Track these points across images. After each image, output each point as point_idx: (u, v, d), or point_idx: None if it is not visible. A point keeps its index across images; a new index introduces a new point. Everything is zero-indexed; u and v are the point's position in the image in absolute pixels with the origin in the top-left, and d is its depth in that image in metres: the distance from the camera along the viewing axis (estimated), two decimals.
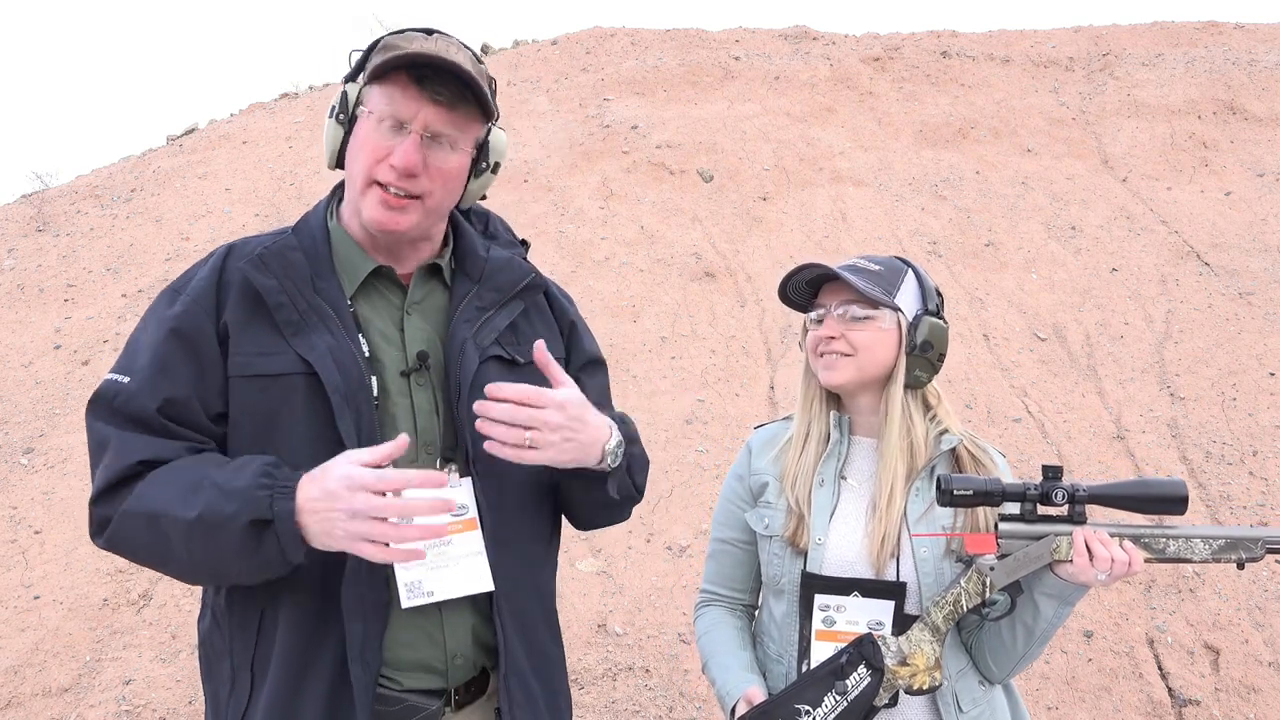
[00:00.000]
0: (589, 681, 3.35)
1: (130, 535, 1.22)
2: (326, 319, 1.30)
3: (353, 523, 1.14)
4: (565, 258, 6.07)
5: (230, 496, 1.16)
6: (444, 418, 1.37)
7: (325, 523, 1.15)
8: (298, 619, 1.27)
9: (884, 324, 1.52)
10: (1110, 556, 1.33)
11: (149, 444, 1.24)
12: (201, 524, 1.16)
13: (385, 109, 1.30)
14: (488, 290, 1.43)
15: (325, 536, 1.16)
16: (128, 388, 1.26)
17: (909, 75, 8.53)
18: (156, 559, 1.24)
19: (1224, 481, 4.32)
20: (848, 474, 1.57)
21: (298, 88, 9.98)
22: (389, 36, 1.35)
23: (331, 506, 1.14)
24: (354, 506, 1.13)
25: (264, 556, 1.17)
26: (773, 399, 5.04)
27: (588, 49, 9.46)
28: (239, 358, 1.28)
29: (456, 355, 1.36)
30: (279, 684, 1.27)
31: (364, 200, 1.33)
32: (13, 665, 3.35)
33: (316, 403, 1.27)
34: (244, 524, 1.15)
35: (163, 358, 1.27)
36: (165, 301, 1.33)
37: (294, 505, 1.16)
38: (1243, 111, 7.73)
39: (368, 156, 1.31)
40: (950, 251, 6.39)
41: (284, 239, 1.36)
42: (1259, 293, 5.77)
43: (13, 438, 4.67)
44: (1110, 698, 3.33)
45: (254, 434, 1.28)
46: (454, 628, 1.34)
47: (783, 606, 1.55)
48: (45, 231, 6.87)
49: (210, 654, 1.35)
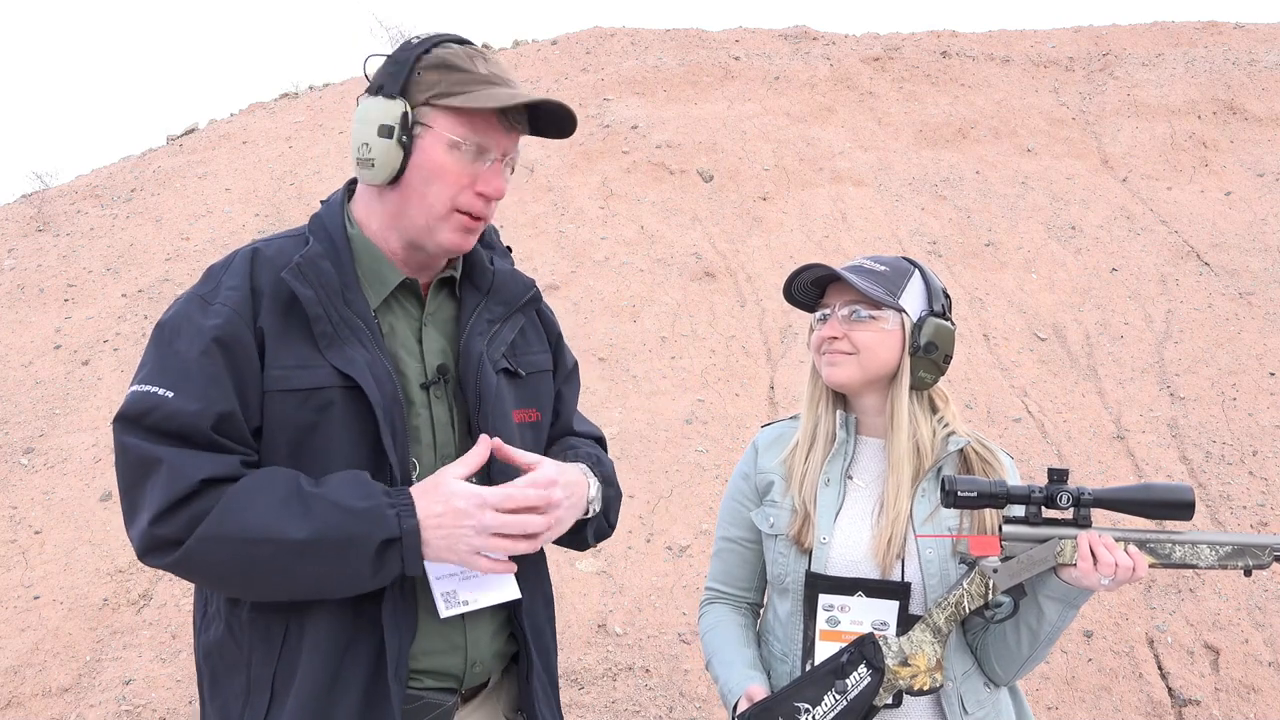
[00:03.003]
0: (589, 681, 3.35)
1: (213, 559, 1.19)
2: (358, 332, 1.30)
3: (479, 538, 1.21)
4: (565, 258, 6.07)
5: (356, 516, 1.18)
6: (459, 430, 1.38)
7: (450, 539, 1.21)
8: (329, 631, 1.26)
9: (888, 325, 1.52)
10: (1114, 562, 1.33)
11: (209, 461, 1.20)
12: (322, 545, 1.17)
13: (468, 137, 1.31)
14: (495, 303, 1.45)
15: (447, 551, 1.22)
16: (172, 403, 1.21)
17: (909, 75, 8.53)
18: (235, 580, 1.22)
19: (1224, 481, 4.32)
20: (854, 474, 1.57)
21: (298, 88, 9.97)
22: (445, 51, 1.33)
23: (459, 523, 1.21)
24: (484, 523, 1.21)
25: (385, 574, 1.21)
26: (773, 399, 5.04)
27: (588, 49, 9.46)
28: (276, 370, 1.26)
29: (474, 369, 1.38)
30: (307, 696, 1.25)
31: (442, 225, 1.33)
32: (13, 665, 3.35)
33: (352, 417, 1.27)
34: (376, 544, 1.18)
35: (209, 370, 1.23)
36: (197, 310, 1.28)
37: (418, 523, 1.20)
38: (1243, 111, 7.73)
39: (451, 184, 1.31)
40: (950, 251, 6.39)
41: (313, 248, 1.33)
42: (1259, 293, 5.77)
43: (13, 438, 4.67)
44: (1110, 698, 3.33)
45: (290, 448, 1.26)
46: (476, 637, 1.37)
47: (787, 606, 1.55)
48: (45, 231, 6.86)
49: (220, 666, 1.31)
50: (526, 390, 1.47)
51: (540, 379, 1.52)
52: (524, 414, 1.46)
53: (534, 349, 1.52)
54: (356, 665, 1.26)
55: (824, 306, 1.59)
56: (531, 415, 1.48)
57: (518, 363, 1.45)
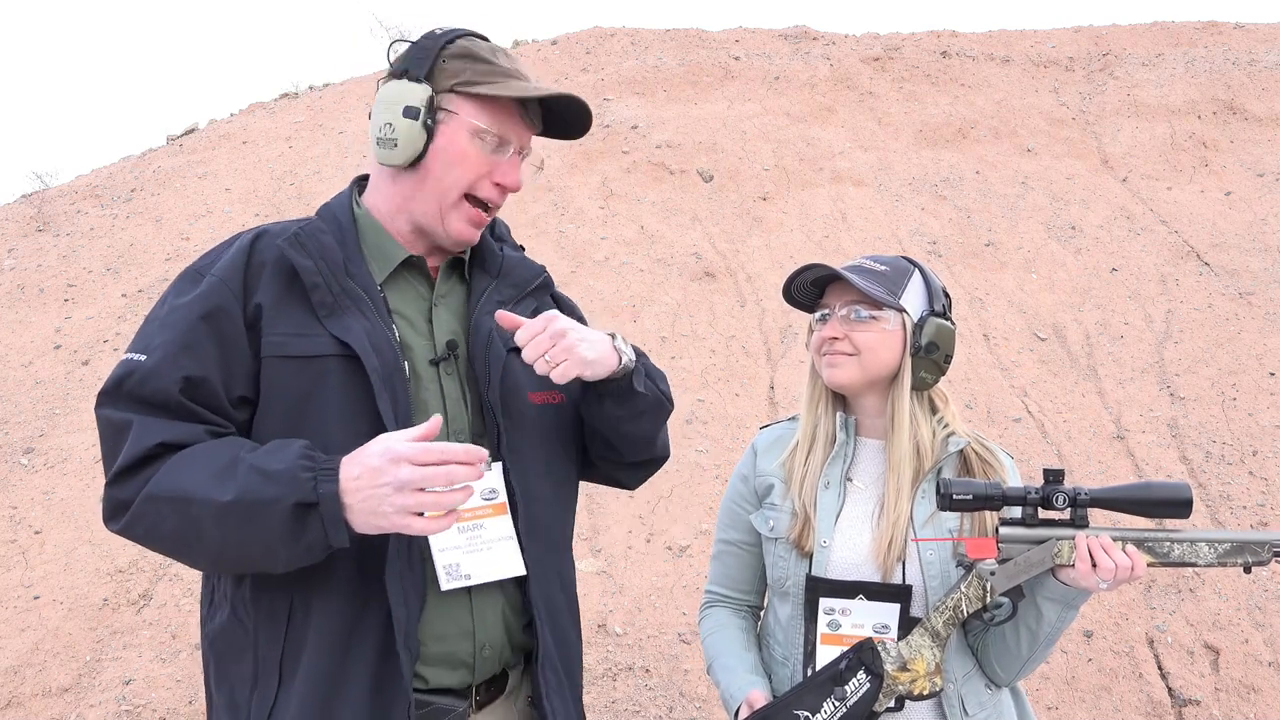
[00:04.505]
0: (589, 681, 3.36)
1: (154, 520, 1.18)
2: (359, 302, 1.31)
3: (399, 495, 1.12)
4: (565, 258, 6.06)
5: (271, 479, 1.14)
6: (472, 406, 1.38)
7: (371, 500, 1.13)
8: (337, 606, 1.24)
9: (888, 325, 1.51)
10: (1113, 564, 1.32)
11: (170, 426, 1.21)
12: (239, 507, 1.13)
13: (491, 127, 1.34)
14: (505, 286, 1.46)
15: (371, 515, 1.14)
16: (144, 365, 1.23)
17: (909, 75, 8.52)
18: (180, 545, 1.20)
19: (1224, 481, 4.32)
20: (854, 476, 1.56)
21: (298, 88, 9.97)
22: (469, 43, 1.36)
23: (376, 482, 1.13)
24: (400, 478, 1.12)
25: (306, 541, 1.15)
26: (773, 399, 5.04)
27: (588, 49, 9.45)
28: (274, 338, 1.26)
29: (484, 345, 1.38)
30: (316, 675, 1.23)
31: (453, 213, 1.36)
32: (13, 665, 3.35)
33: (351, 385, 1.26)
34: (288, 507, 1.13)
35: (185, 335, 1.24)
36: (188, 282, 1.31)
37: (337, 487, 1.14)
38: (1243, 111, 7.72)
39: (469, 172, 1.34)
40: (950, 251, 6.39)
41: (313, 223, 1.35)
42: (1259, 293, 5.77)
43: (13, 438, 4.67)
44: (1110, 698, 3.33)
45: (285, 416, 1.26)
46: (484, 616, 1.34)
47: (788, 609, 1.54)
48: (45, 231, 6.86)
49: (225, 652, 1.30)
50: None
51: None
52: (545, 395, 1.45)
53: None
54: (366, 638, 1.25)
55: (824, 307, 1.58)
56: (554, 397, 1.46)
57: None
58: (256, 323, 1.27)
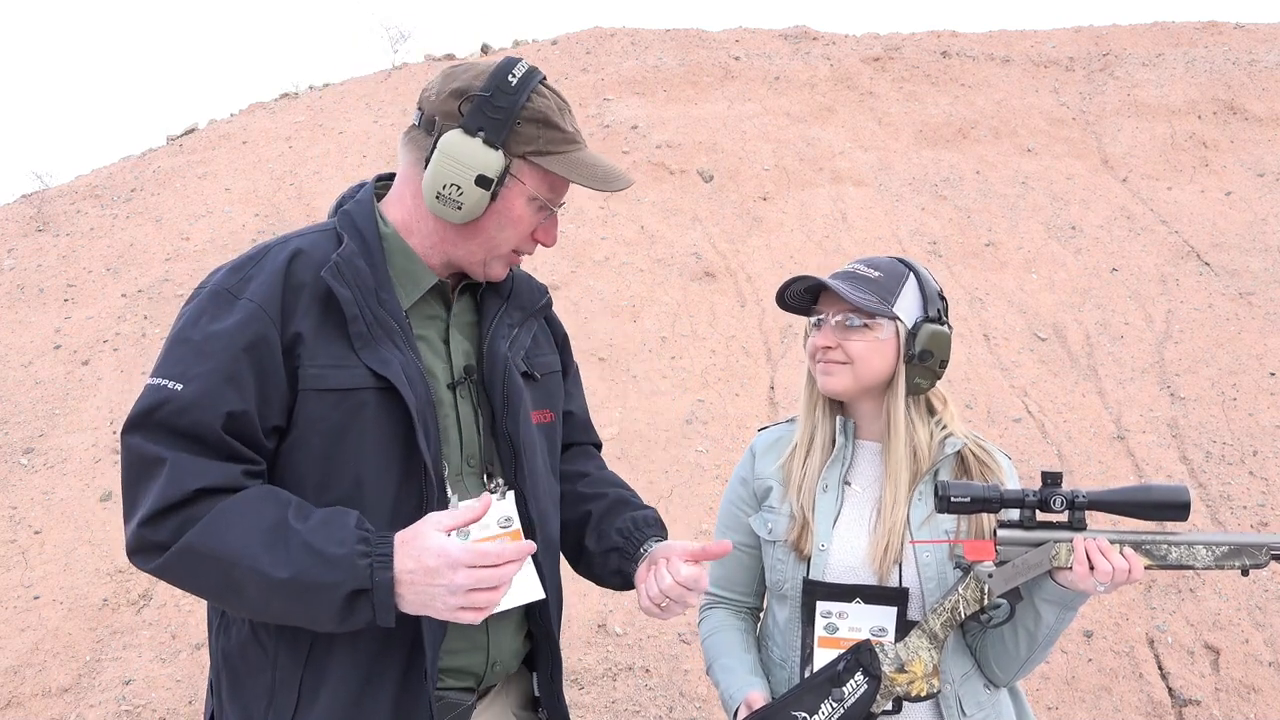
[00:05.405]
0: (589, 681, 3.36)
1: (192, 571, 1.18)
2: (391, 332, 1.30)
3: (455, 597, 1.16)
4: (565, 258, 6.06)
5: (329, 565, 1.15)
6: (484, 431, 1.39)
7: (424, 595, 1.17)
8: (364, 635, 1.25)
9: (881, 334, 1.50)
10: (1111, 567, 1.32)
11: (206, 468, 1.18)
12: (292, 586, 1.15)
13: (547, 194, 1.36)
14: (514, 308, 1.47)
15: (423, 608, 1.18)
16: (182, 395, 1.19)
17: (909, 75, 8.52)
18: (215, 596, 1.22)
19: (1224, 482, 4.32)
20: (852, 479, 1.56)
21: (298, 88, 9.96)
22: (543, 104, 1.33)
23: (432, 581, 1.16)
24: (456, 583, 1.15)
25: (354, 621, 1.18)
26: (773, 399, 5.04)
27: (588, 49, 9.45)
28: (313, 369, 1.25)
29: (501, 372, 1.40)
30: (340, 698, 1.26)
31: (496, 261, 1.38)
32: (13, 665, 3.35)
33: (386, 418, 1.26)
34: (343, 594, 1.15)
35: (228, 367, 1.20)
36: (221, 304, 1.25)
37: (392, 574, 1.16)
38: (1243, 111, 7.72)
39: (522, 232, 1.37)
40: (950, 251, 6.39)
41: (349, 247, 1.31)
42: (1259, 293, 5.77)
43: (13, 438, 4.67)
44: (1110, 698, 3.33)
45: (322, 448, 1.26)
46: (499, 637, 1.39)
47: (786, 612, 1.55)
48: (45, 231, 6.86)
49: (242, 667, 1.30)
50: (541, 392, 1.50)
51: (552, 380, 1.55)
52: (540, 415, 1.48)
53: (544, 351, 1.55)
54: (391, 665, 1.27)
55: (818, 313, 1.57)
56: (546, 416, 1.50)
57: (532, 365, 1.48)
58: (293, 350, 1.25)
